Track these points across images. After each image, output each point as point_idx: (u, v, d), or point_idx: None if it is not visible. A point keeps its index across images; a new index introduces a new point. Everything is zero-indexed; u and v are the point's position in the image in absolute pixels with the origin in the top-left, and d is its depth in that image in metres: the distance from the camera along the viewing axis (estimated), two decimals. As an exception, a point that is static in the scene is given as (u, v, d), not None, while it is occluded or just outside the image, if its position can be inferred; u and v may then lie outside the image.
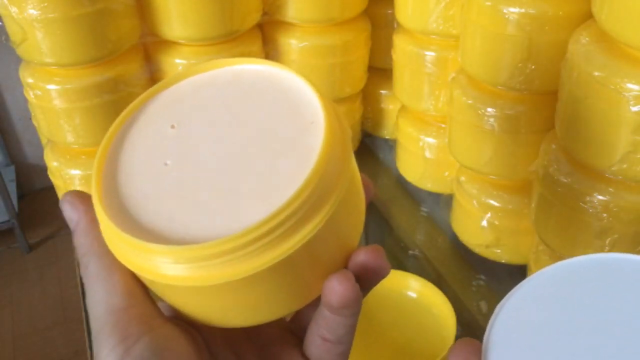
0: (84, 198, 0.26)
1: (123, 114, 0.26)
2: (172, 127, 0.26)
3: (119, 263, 0.24)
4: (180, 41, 0.77)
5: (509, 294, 0.22)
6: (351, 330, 0.25)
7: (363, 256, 0.25)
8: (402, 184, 0.92)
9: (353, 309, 0.24)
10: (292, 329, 0.29)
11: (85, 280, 0.25)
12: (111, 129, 0.26)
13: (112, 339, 0.23)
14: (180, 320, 0.26)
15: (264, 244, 0.22)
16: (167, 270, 0.22)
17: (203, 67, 0.28)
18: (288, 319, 0.29)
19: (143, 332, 0.23)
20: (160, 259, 0.22)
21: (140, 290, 0.25)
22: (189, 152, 0.25)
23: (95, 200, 0.24)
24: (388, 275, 0.25)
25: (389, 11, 0.85)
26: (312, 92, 0.25)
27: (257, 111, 0.26)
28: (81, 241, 0.25)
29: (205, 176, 0.24)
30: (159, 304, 0.26)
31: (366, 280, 0.25)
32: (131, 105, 0.27)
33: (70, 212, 0.26)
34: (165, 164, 0.25)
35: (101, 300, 0.24)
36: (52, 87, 0.71)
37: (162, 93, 0.27)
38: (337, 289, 0.23)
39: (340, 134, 0.24)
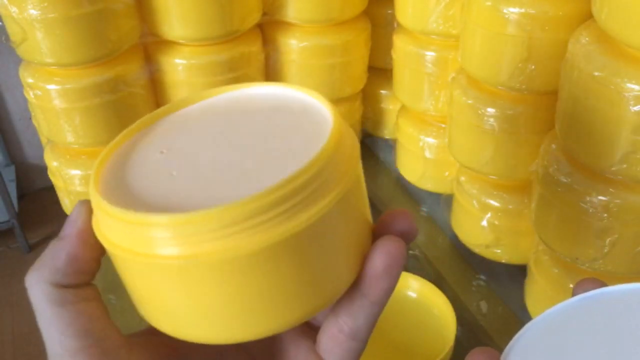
0: (86, 222, 0.24)
1: (115, 140, 0.25)
2: (161, 152, 0.24)
3: (69, 297, 0.23)
4: (180, 41, 0.77)
5: (510, 344, 0.21)
6: (370, 325, 0.24)
7: (400, 221, 0.24)
8: (402, 184, 0.92)
9: (395, 277, 0.24)
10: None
11: (34, 307, 0.23)
12: (104, 152, 0.24)
13: None
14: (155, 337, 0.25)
15: (285, 210, 0.18)
16: (161, 246, 0.19)
17: (183, 102, 0.26)
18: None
19: None
20: (152, 231, 0.19)
21: (95, 324, 0.23)
22: (194, 161, 0.23)
23: (92, 191, 0.22)
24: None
25: (389, 11, 0.85)
26: (311, 97, 0.24)
27: (255, 120, 0.24)
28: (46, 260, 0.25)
29: (217, 167, 0.22)
30: None
31: None
32: (124, 133, 0.25)
33: (67, 222, 0.25)
34: (172, 175, 0.23)
35: (56, 341, 0.23)
36: (52, 87, 0.71)
37: (150, 128, 0.26)
38: (388, 245, 0.23)
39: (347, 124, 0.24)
